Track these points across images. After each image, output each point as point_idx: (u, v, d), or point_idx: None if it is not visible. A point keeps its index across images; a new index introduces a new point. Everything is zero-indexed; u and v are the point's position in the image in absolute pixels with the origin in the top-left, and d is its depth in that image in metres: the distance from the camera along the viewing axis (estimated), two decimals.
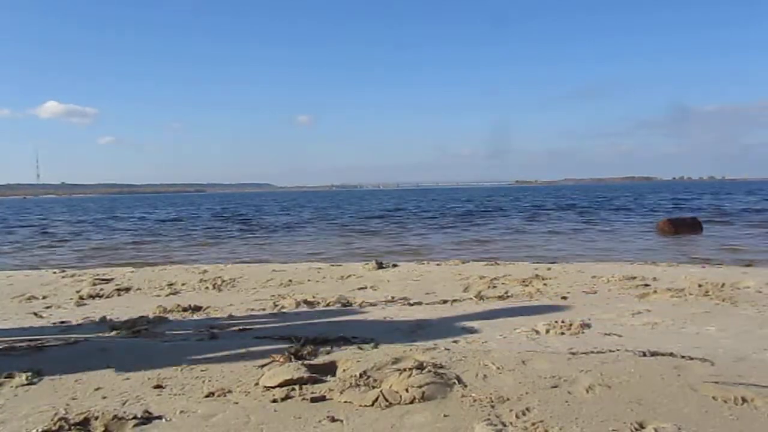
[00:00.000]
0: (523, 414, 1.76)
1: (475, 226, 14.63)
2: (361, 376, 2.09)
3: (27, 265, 8.14)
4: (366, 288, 4.55)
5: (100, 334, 2.99)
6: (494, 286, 4.40)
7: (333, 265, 6.14)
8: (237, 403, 1.92)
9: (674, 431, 1.63)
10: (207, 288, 4.69)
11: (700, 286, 4.05)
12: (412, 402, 1.87)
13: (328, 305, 3.81)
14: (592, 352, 2.43)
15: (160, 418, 1.80)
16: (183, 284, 4.92)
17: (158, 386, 2.08)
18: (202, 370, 2.27)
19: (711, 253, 7.96)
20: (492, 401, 1.87)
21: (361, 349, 2.50)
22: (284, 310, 3.66)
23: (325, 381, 2.09)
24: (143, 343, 2.74)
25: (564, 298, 3.84)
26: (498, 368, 2.19)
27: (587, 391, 1.94)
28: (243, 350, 2.55)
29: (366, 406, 1.85)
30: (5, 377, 2.16)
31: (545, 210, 22.01)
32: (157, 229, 15.99)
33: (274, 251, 9.75)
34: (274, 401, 1.92)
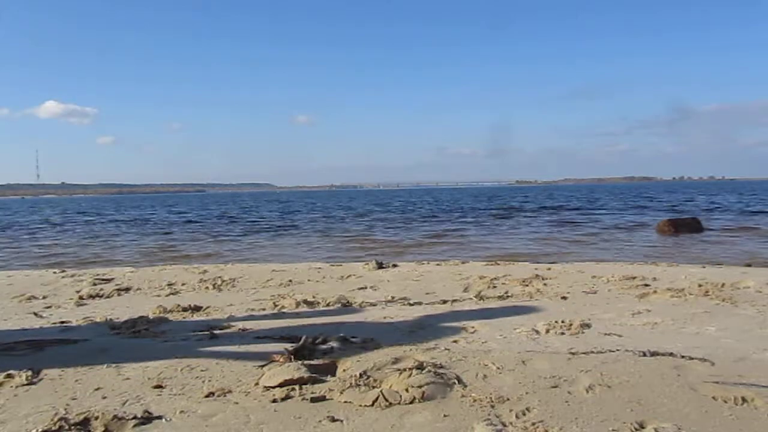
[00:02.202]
0: (523, 414, 1.76)
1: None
2: (361, 376, 2.09)
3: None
4: (366, 288, 4.55)
5: (100, 334, 2.99)
6: (494, 286, 4.40)
7: (333, 265, 6.14)
8: (237, 403, 1.92)
9: (674, 431, 1.63)
10: (207, 288, 4.69)
11: (700, 286, 4.05)
12: (412, 402, 1.87)
13: (328, 305, 3.81)
14: (592, 352, 2.43)
15: (160, 418, 1.80)
16: (183, 284, 4.91)
17: (158, 386, 2.08)
18: (202, 370, 2.27)
19: (711, 253, 7.96)
20: (492, 401, 1.87)
21: (361, 349, 2.50)
22: (284, 310, 3.66)
23: (325, 381, 2.09)
24: (143, 343, 2.74)
25: (564, 298, 3.84)
26: (498, 368, 2.19)
27: (587, 391, 1.94)
28: (243, 350, 2.56)
29: (366, 406, 1.85)
30: (5, 377, 2.16)
31: (549, 210, 22.02)
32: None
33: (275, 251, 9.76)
34: (274, 401, 1.92)
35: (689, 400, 1.85)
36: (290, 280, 5.01)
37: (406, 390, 1.91)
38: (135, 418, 1.78)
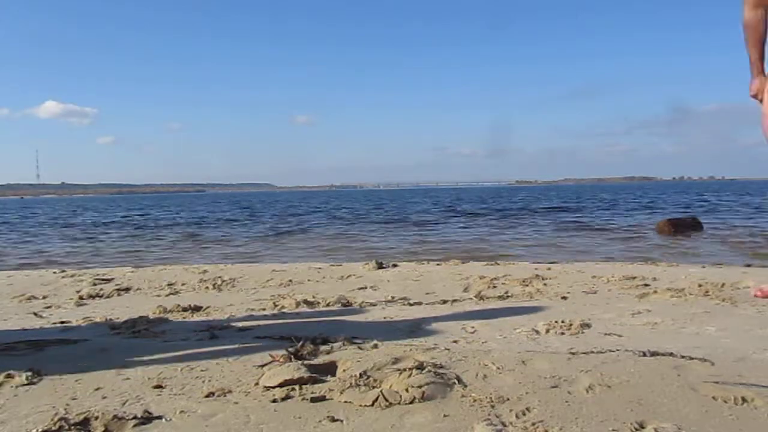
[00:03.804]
0: (523, 414, 1.76)
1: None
2: (361, 376, 2.09)
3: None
4: (366, 288, 4.55)
5: (100, 334, 2.99)
6: (494, 286, 4.40)
7: (333, 265, 6.14)
8: (237, 403, 1.92)
9: (674, 431, 1.63)
10: (207, 288, 4.69)
11: (700, 286, 4.04)
12: (412, 402, 1.87)
13: (328, 305, 3.81)
14: (592, 352, 2.43)
15: (160, 418, 1.80)
16: (183, 284, 4.91)
17: (158, 386, 2.08)
18: (202, 370, 2.26)
19: (711, 253, 7.96)
20: (492, 401, 1.86)
21: (361, 349, 2.50)
22: (284, 310, 3.66)
23: (325, 381, 2.08)
24: (143, 343, 2.74)
25: (564, 298, 3.84)
26: (498, 368, 2.19)
27: (587, 391, 1.93)
28: (243, 350, 2.55)
29: (366, 406, 1.85)
30: (5, 377, 2.15)
31: (549, 210, 22.02)
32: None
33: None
34: (274, 401, 1.91)
35: (689, 400, 1.85)
36: (290, 280, 5.01)
37: (406, 390, 1.91)
38: (135, 418, 1.78)
